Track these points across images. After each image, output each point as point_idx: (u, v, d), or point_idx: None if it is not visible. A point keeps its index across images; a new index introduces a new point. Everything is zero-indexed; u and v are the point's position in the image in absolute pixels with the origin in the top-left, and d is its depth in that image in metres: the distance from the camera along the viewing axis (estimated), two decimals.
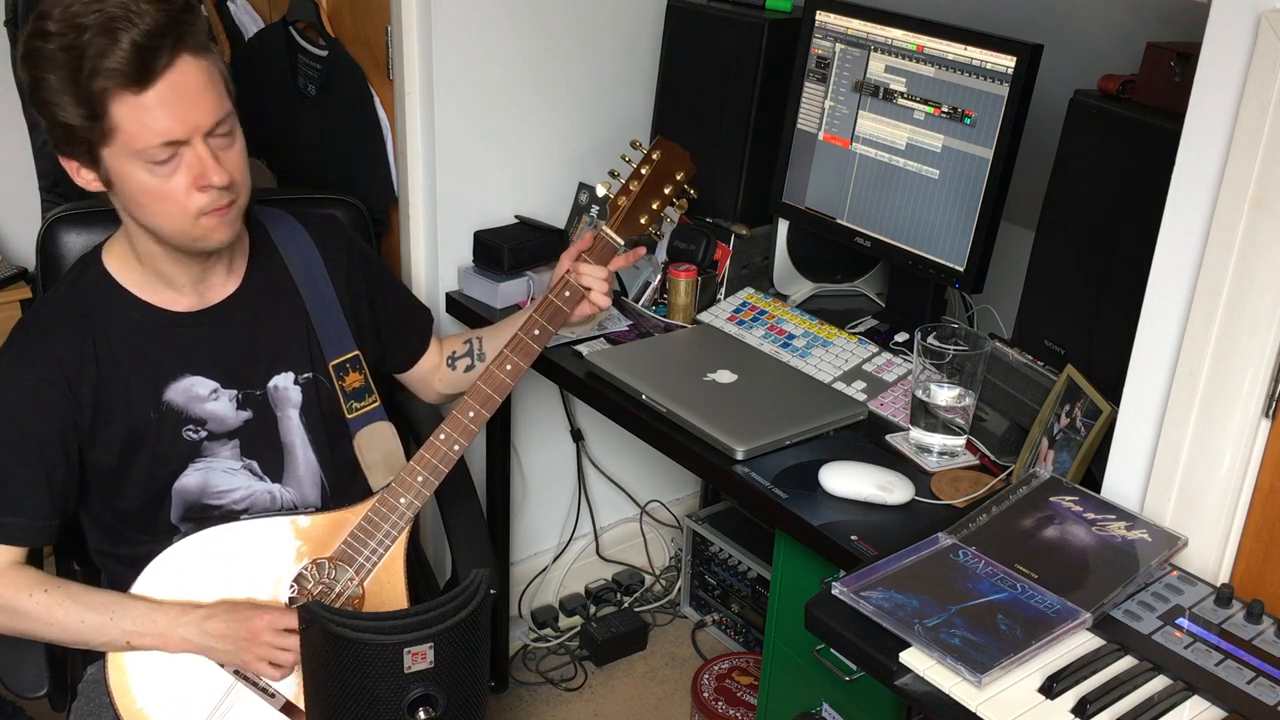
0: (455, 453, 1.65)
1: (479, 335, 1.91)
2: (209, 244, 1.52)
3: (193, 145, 1.44)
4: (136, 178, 1.44)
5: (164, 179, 1.44)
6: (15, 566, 1.56)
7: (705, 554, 2.72)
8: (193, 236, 1.50)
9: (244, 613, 1.55)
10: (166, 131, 1.42)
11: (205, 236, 1.51)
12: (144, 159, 1.43)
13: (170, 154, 1.43)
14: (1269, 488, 1.31)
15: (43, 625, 1.55)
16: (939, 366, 1.69)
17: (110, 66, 1.37)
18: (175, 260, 1.56)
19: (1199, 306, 1.30)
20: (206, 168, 1.45)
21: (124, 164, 1.44)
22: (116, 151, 1.43)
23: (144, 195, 1.46)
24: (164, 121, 1.41)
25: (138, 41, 1.37)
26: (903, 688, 1.21)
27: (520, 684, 2.62)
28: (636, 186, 1.74)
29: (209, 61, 1.46)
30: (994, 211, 1.88)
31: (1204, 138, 1.28)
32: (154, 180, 1.44)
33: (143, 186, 1.45)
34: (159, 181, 1.44)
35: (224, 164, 1.46)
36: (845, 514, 1.62)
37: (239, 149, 1.50)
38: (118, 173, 1.45)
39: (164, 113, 1.41)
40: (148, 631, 1.55)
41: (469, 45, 2.22)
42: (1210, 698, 1.17)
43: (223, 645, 1.56)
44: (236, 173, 1.49)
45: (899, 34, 1.98)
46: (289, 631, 1.54)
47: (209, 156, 1.45)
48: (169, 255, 1.55)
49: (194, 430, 1.62)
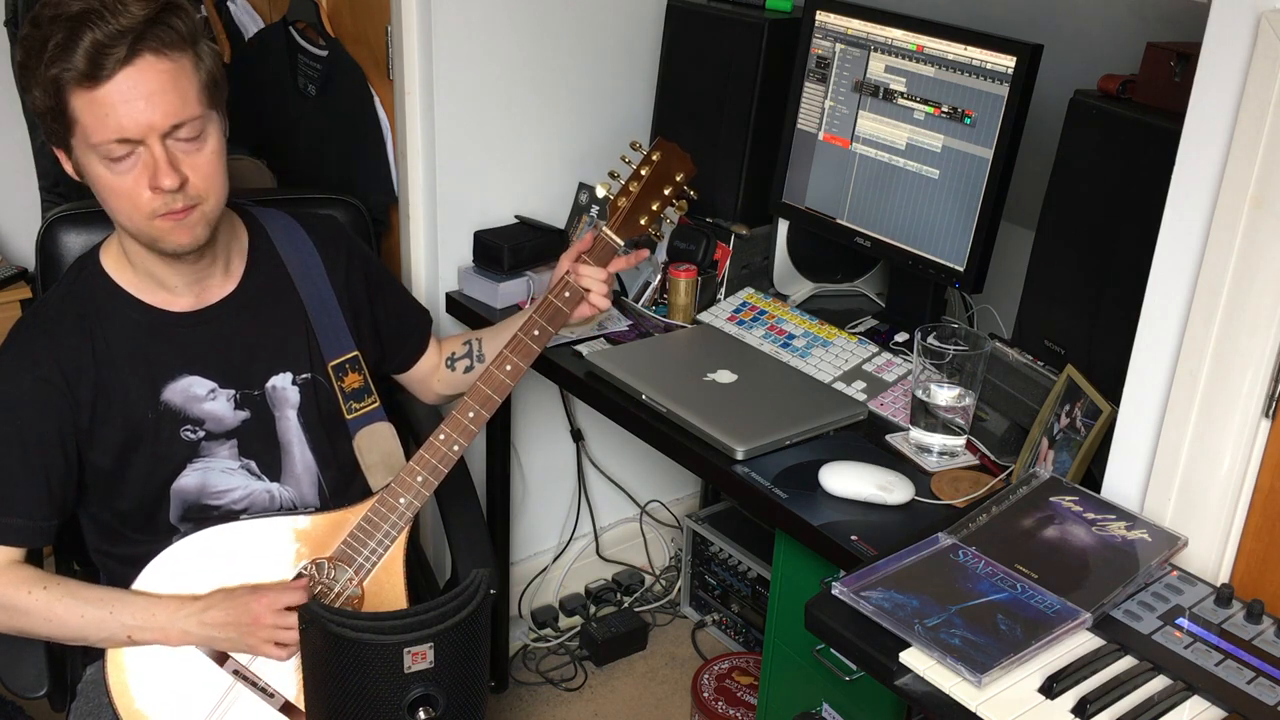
0: (455, 453, 1.65)
1: (478, 336, 1.91)
2: (167, 246, 1.51)
3: (149, 145, 1.43)
4: (95, 171, 1.46)
5: (119, 175, 1.45)
6: (14, 565, 1.56)
7: (705, 554, 2.72)
8: (150, 236, 1.50)
9: (242, 598, 1.55)
10: (118, 129, 1.41)
11: (162, 238, 1.50)
12: (100, 154, 1.44)
13: (126, 151, 1.43)
14: (1269, 488, 1.31)
15: (42, 622, 1.55)
16: (939, 366, 1.69)
17: (65, 59, 1.39)
18: (161, 261, 1.56)
19: (1199, 306, 1.30)
20: (159, 169, 1.44)
21: (85, 156, 1.46)
22: (79, 143, 1.45)
23: (103, 190, 1.47)
24: (117, 119, 1.41)
25: (98, 39, 1.39)
26: (903, 688, 1.21)
27: (520, 684, 2.62)
28: (636, 188, 1.74)
29: (179, 63, 1.44)
30: (994, 211, 1.88)
31: (1204, 138, 1.28)
32: (111, 176, 1.45)
33: (101, 181, 1.46)
34: (115, 178, 1.45)
35: (182, 166, 1.45)
36: (845, 514, 1.62)
37: (209, 153, 1.49)
38: (81, 164, 1.48)
39: (119, 110, 1.41)
40: (147, 625, 1.55)
41: (469, 45, 2.22)
42: (1210, 698, 1.17)
43: (225, 634, 1.55)
44: (198, 177, 1.47)
45: (899, 34, 1.98)
46: (290, 610, 1.54)
47: (163, 159, 1.44)
48: (153, 256, 1.55)
49: (192, 430, 1.62)
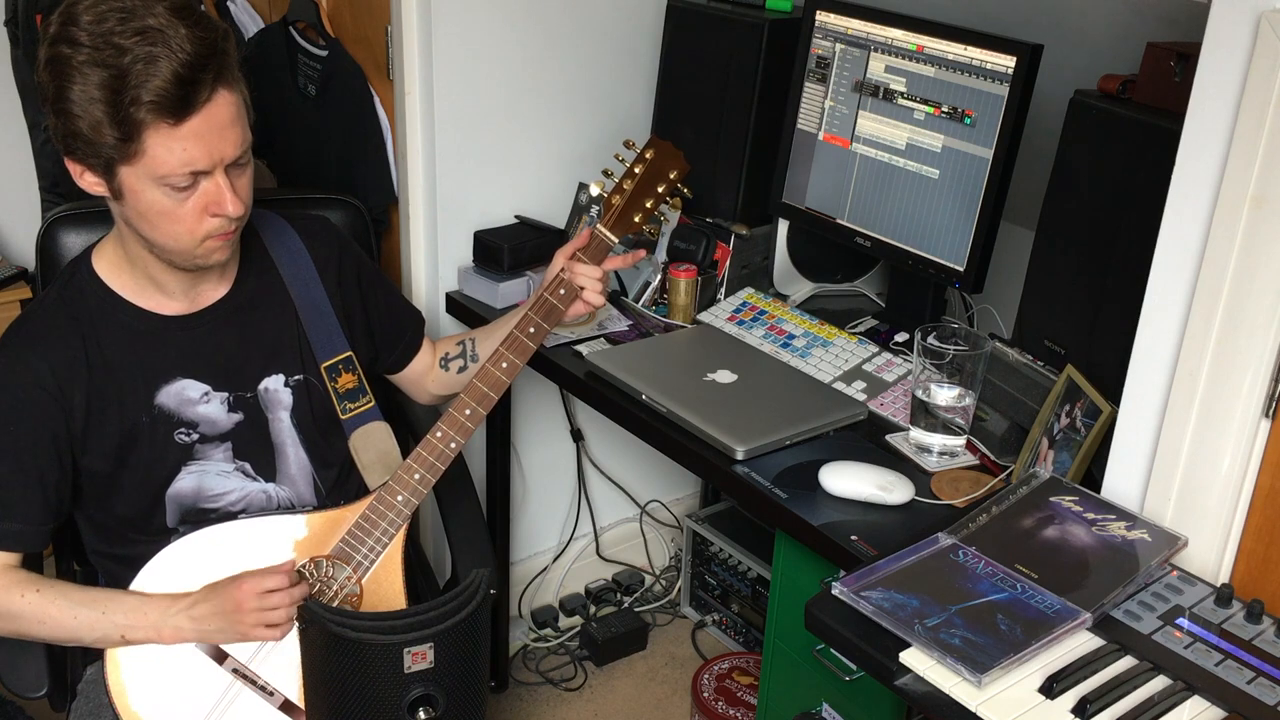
0: (452, 450, 1.65)
1: (472, 336, 1.91)
2: (207, 263, 1.54)
3: (213, 175, 1.46)
4: (151, 197, 1.45)
5: (179, 203, 1.46)
6: (7, 570, 1.56)
7: (705, 554, 2.72)
8: (194, 256, 1.52)
9: (223, 588, 1.55)
10: (193, 162, 1.43)
11: (206, 256, 1.53)
12: (164, 183, 1.43)
13: (191, 181, 1.45)
14: (1269, 488, 1.31)
15: (35, 624, 1.55)
16: (939, 366, 1.69)
17: (150, 98, 1.37)
18: (168, 268, 1.57)
19: (1199, 306, 1.30)
20: (224, 199, 1.47)
21: (140, 184, 1.44)
22: (138, 172, 1.43)
23: (155, 215, 1.47)
24: (193, 153, 1.42)
25: (180, 73, 1.38)
26: (903, 688, 1.21)
27: (520, 684, 2.62)
28: (630, 185, 1.74)
29: (240, 94, 1.47)
30: (994, 211, 1.88)
31: (1204, 138, 1.28)
32: (169, 203, 1.45)
33: (156, 207, 1.46)
34: (173, 204, 1.45)
35: (238, 192, 1.48)
36: (845, 514, 1.62)
37: (250, 175, 1.52)
38: (131, 189, 1.45)
39: (194, 144, 1.42)
40: (139, 624, 1.55)
41: (469, 45, 2.22)
42: (1210, 698, 1.17)
43: (215, 625, 1.55)
44: (248, 201, 1.52)
45: (899, 34, 1.98)
46: (272, 591, 1.53)
47: (228, 188, 1.47)
48: (161, 263, 1.55)
49: (186, 433, 1.62)
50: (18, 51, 2.57)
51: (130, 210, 1.47)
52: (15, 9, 2.51)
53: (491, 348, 1.72)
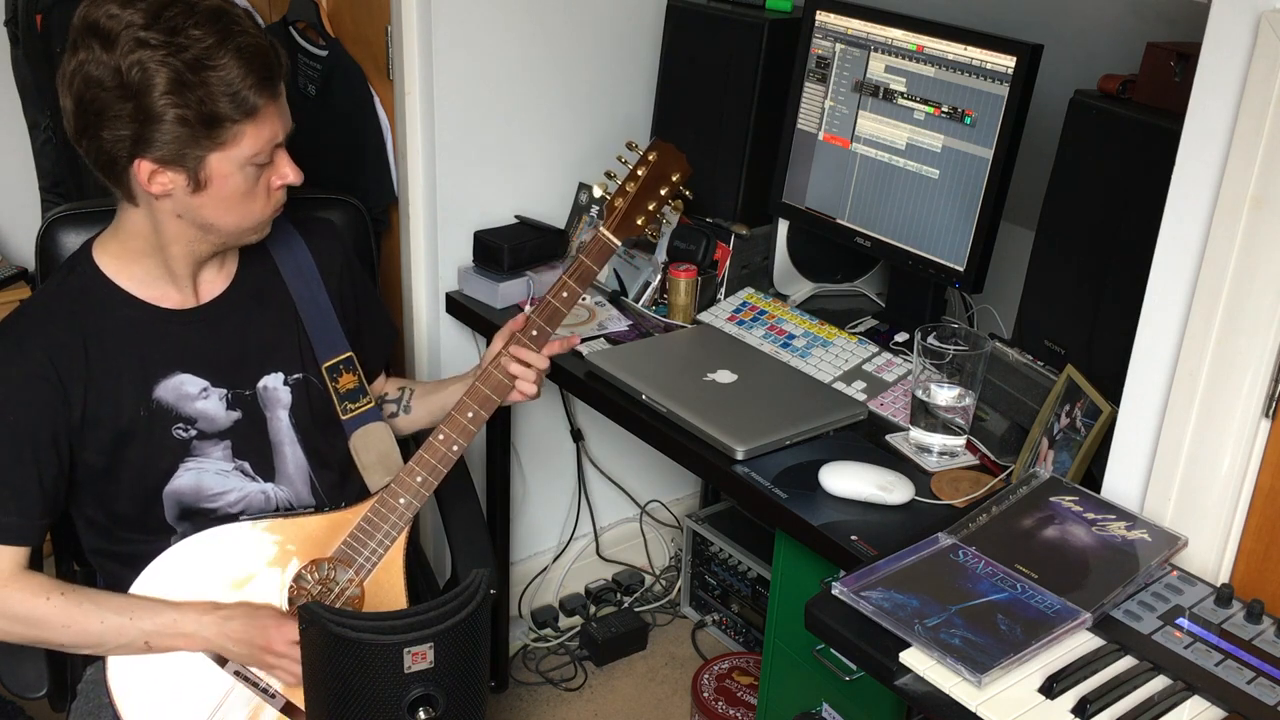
0: (454, 453, 1.65)
1: (412, 387, 1.91)
2: (261, 235, 1.61)
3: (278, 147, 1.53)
4: (235, 181, 1.49)
5: (255, 181, 1.52)
6: (23, 572, 1.54)
7: (705, 554, 2.72)
8: (258, 229, 1.59)
9: (263, 621, 1.55)
10: (275, 136, 1.51)
11: (263, 228, 1.60)
12: (252, 163, 1.49)
13: (270, 157, 1.51)
14: (1269, 488, 1.31)
15: (59, 630, 1.52)
16: (939, 366, 1.69)
17: (257, 77, 1.44)
18: (182, 257, 1.57)
19: (1199, 306, 1.30)
20: (288, 170, 1.54)
21: (229, 167, 1.48)
22: (230, 155, 1.47)
23: (237, 197, 1.52)
24: (275, 127, 1.50)
25: (266, 49, 1.46)
26: (903, 688, 1.21)
27: (520, 684, 2.62)
28: (633, 188, 1.74)
29: None
30: (994, 211, 1.88)
31: (1204, 138, 1.28)
32: (248, 183, 1.51)
33: (240, 190, 1.51)
34: (251, 184, 1.52)
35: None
36: (845, 514, 1.62)
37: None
38: (220, 175, 1.48)
39: (276, 119, 1.50)
40: (168, 631, 1.54)
41: (469, 45, 2.22)
42: (1210, 698, 1.17)
43: (238, 648, 1.55)
44: None
45: (899, 34, 1.98)
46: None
47: (288, 159, 1.54)
48: (180, 249, 1.56)
49: (184, 429, 1.62)
50: (18, 51, 2.57)
51: (209, 198, 1.50)
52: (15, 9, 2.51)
53: (428, 408, 1.84)
